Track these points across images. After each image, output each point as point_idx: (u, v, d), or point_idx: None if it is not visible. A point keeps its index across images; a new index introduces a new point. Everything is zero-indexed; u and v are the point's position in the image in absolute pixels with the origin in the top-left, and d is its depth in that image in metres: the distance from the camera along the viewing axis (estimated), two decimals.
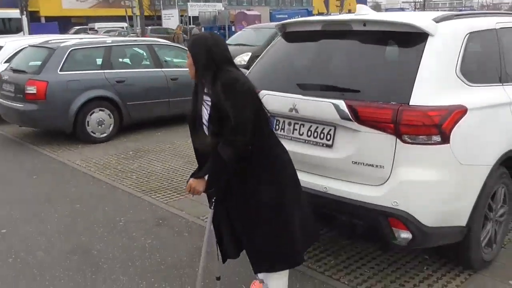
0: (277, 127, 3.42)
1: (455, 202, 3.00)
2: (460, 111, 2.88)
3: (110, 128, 7.61)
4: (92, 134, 7.43)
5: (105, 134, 7.56)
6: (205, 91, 2.63)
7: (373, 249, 3.78)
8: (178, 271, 3.54)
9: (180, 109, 8.28)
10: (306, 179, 3.14)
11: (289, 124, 3.37)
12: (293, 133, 3.34)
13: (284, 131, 3.38)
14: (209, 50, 2.57)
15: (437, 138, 2.80)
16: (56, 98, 7.07)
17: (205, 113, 2.64)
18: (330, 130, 3.13)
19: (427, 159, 2.85)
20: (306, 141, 3.26)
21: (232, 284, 3.28)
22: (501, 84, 3.38)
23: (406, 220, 2.87)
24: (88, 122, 7.35)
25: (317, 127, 3.20)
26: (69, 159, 6.63)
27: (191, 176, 2.73)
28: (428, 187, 2.87)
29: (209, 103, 2.60)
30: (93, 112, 7.38)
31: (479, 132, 3.06)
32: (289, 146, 2.82)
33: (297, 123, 3.32)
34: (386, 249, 3.73)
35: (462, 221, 3.07)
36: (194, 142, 2.81)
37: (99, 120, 7.45)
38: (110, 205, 4.88)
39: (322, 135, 3.17)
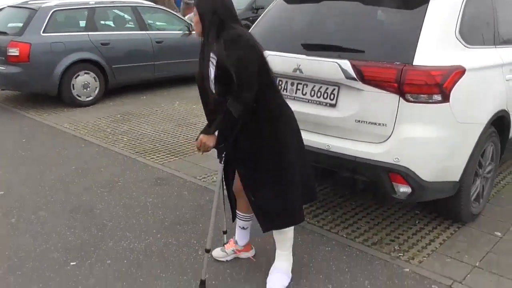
0: (279, 87, 3.49)
1: (451, 158, 3.16)
2: (459, 71, 3.00)
3: (96, 92, 7.52)
4: (77, 97, 7.34)
5: (90, 98, 7.48)
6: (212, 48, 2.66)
7: (367, 205, 3.96)
8: (182, 227, 3.64)
9: (165, 72, 8.27)
10: (308, 137, 3.22)
11: (292, 84, 3.45)
12: (296, 93, 3.42)
13: (286, 91, 3.46)
14: (215, 8, 2.59)
15: (438, 97, 2.92)
16: (40, 60, 6.93)
17: (212, 71, 2.68)
18: (333, 89, 3.22)
19: (428, 117, 2.98)
20: (310, 101, 3.35)
21: None
22: (494, 46, 3.53)
23: (406, 175, 3.02)
24: (73, 85, 7.25)
25: (321, 87, 3.29)
26: (56, 123, 6.56)
27: (201, 132, 2.78)
28: (428, 144, 3.01)
29: (215, 62, 2.64)
30: (78, 75, 7.28)
31: (475, 92, 3.21)
32: (292, 105, 2.88)
33: (300, 83, 3.40)
34: (384, 203, 3.92)
35: (456, 177, 3.26)
36: (202, 100, 2.85)
37: (85, 83, 7.36)
38: (106, 167, 4.92)
39: (325, 94, 3.26)
